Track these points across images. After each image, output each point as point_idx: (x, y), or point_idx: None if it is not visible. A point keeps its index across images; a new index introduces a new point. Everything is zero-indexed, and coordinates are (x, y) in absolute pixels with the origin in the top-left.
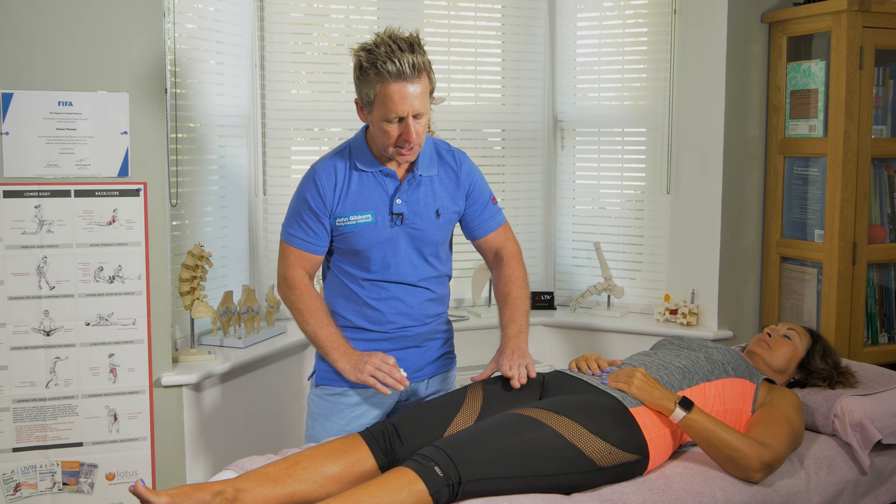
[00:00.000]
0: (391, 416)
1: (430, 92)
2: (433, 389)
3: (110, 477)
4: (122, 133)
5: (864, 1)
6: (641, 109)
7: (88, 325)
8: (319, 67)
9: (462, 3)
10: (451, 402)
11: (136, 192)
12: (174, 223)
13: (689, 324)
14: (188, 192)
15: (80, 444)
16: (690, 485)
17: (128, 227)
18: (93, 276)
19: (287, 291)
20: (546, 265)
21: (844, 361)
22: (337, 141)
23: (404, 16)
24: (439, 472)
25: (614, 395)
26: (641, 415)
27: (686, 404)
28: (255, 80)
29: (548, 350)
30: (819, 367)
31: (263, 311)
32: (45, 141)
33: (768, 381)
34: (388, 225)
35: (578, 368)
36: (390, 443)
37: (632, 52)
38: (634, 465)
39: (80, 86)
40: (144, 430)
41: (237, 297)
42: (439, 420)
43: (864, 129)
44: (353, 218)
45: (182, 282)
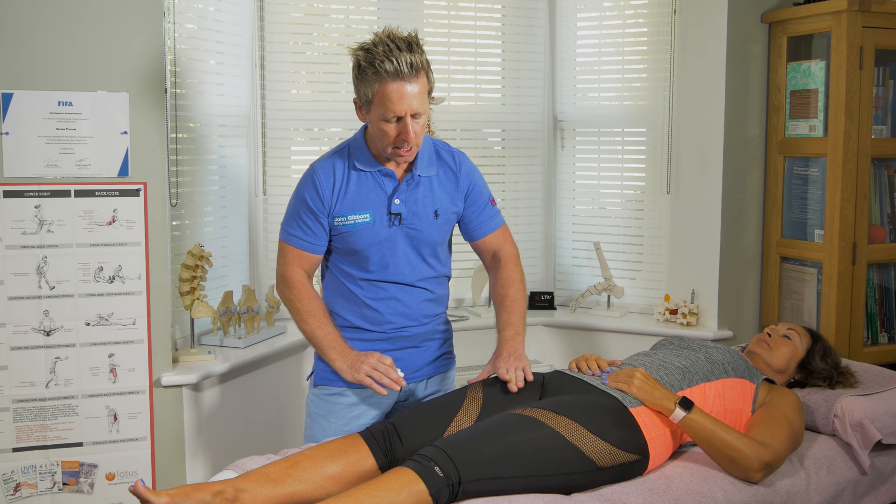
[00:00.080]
0: (390, 416)
1: (429, 92)
2: (432, 390)
3: (110, 477)
4: (122, 133)
5: (864, 1)
6: (641, 109)
7: (88, 325)
8: (319, 67)
9: (462, 3)
10: (451, 402)
11: (136, 192)
12: (174, 223)
13: (689, 324)
14: (188, 192)
15: (80, 444)
16: (690, 485)
17: (128, 227)
18: (93, 276)
19: (285, 290)
20: (546, 265)
21: (844, 361)
22: (337, 141)
23: (404, 16)
24: (439, 472)
25: (614, 395)
26: (641, 415)
27: (686, 404)
28: (255, 80)
29: (548, 350)
30: (819, 367)
31: (263, 311)
32: (45, 141)
33: (768, 381)
34: (387, 225)
35: (578, 368)
36: (390, 443)
37: (632, 52)
38: (634, 465)
39: (80, 86)
40: (144, 430)
41: (237, 297)
42: (439, 420)
43: (864, 129)
44: (351, 218)
45: (182, 282)
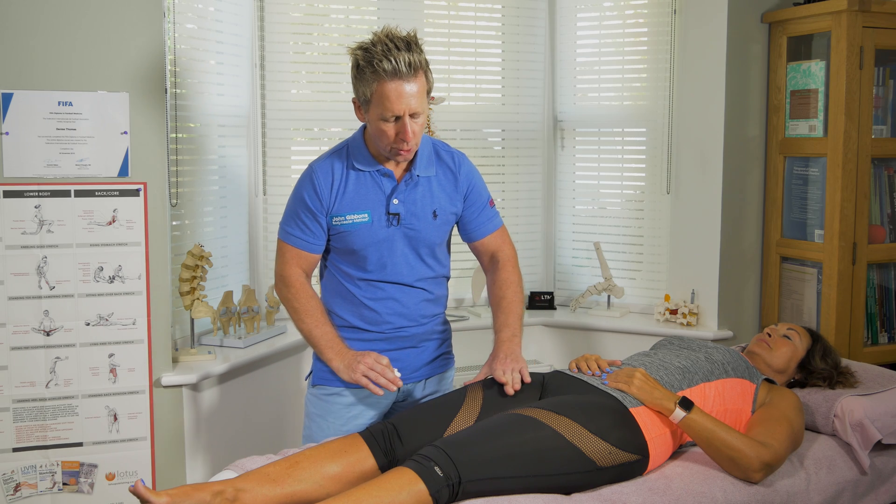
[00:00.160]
0: (388, 416)
1: (428, 91)
2: (430, 390)
3: (110, 477)
4: (122, 133)
5: (864, 1)
6: (641, 109)
7: (88, 325)
8: (319, 67)
9: (462, 3)
10: (451, 402)
11: (136, 192)
12: (174, 223)
13: (689, 324)
14: (188, 192)
15: (80, 444)
16: (690, 485)
17: (128, 227)
18: (93, 276)
19: (283, 290)
20: (546, 265)
21: (844, 361)
22: (337, 141)
23: (404, 16)
24: (439, 472)
25: (614, 395)
26: (641, 415)
27: (686, 404)
28: (255, 80)
29: (548, 350)
30: (819, 367)
31: (263, 311)
32: (45, 141)
33: (768, 381)
34: (385, 225)
35: (578, 368)
36: (390, 443)
37: (632, 52)
38: (634, 465)
39: (80, 86)
40: (144, 430)
41: (237, 297)
42: (439, 420)
43: (864, 129)
44: (349, 217)
45: (182, 282)
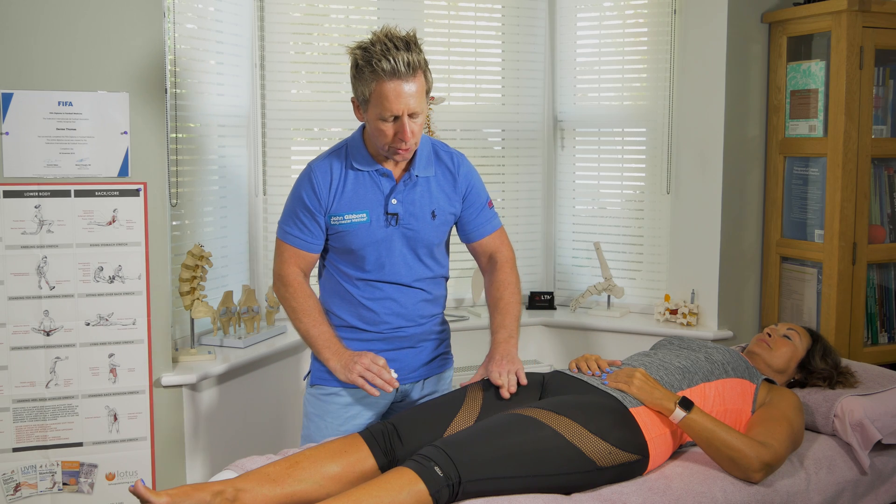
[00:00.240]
0: (386, 417)
1: (427, 91)
2: (429, 390)
3: (110, 477)
4: (122, 133)
5: (864, 1)
6: (641, 109)
7: (88, 325)
8: (319, 67)
9: (462, 3)
10: (451, 402)
11: (136, 192)
12: (174, 223)
13: (689, 324)
14: (188, 192)
15: (80, 444)
16: (690, 485)
17: (128, 227)
18: (93, 276)
19: (281, 289)
20: (546, 265)
21: (844, 361)
22: (337, 141)
23: (404, 16)
24: (439, 472)
25: (614, 395)
26: (641, 415)
27: (686, 404)
28: (255, 80)
29: (548, 350)
30: (819, 367)
31: (263, 311)
32: (45, 141)
33: (768, 381)
34: (383, 225)
35: (578, 368)
36: (390, 443)
37: (632, 52)
38: (634, 465)
39: (80, 86)
40: (144, 430)
41: (237, 297)
42: (439, 420)
43: (864, 129)
44: (347, 217)
45: (182, 282)
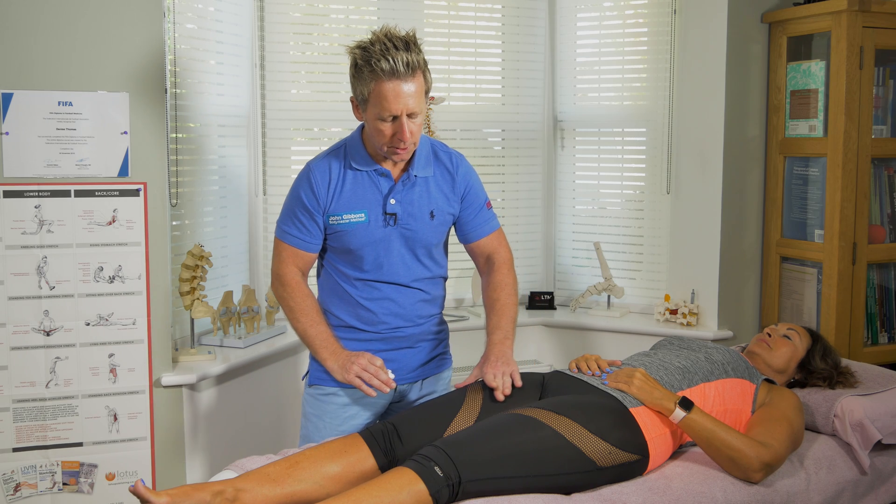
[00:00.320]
0: (384, 417)
1: (426, 91)
2: (427, 391)
3: (110, 477)
4: (122, 133)
5: (864, 1)
6: (641, 109)
7: (88, 325)
8: (319, 67)
9: (462, 3)
10: (451, 402)
11: (136, 192)
12: (174, 223)
13: (689, 324)
14: (188, 192)
15: (80, 444)
16: (690, 485)
17: (128, 227)
18: (93, 276)
19: (279, 288)
20: (546, 265)
21: (844, 361)
22: (337, 141)
23: (404, 16)
24: (439, 472)
25: (614, 395)
26: (641, 415)
27: (686, 404)
28: (255, 80)
29: (548, 350)
30: (819, 367)
31: (263, 311)
32: (45, 141)
33: (768, 381)
34: (382, 225)
35: (578, 368)
36: (390, 443)
37: (632, 52)
38: (634, 465)
39: (80, 86)
40: (144, 430)
41: (237, 297)
42: (439, 420)
43: (864, 129)
44: (346, 217)
45: (182, 282)
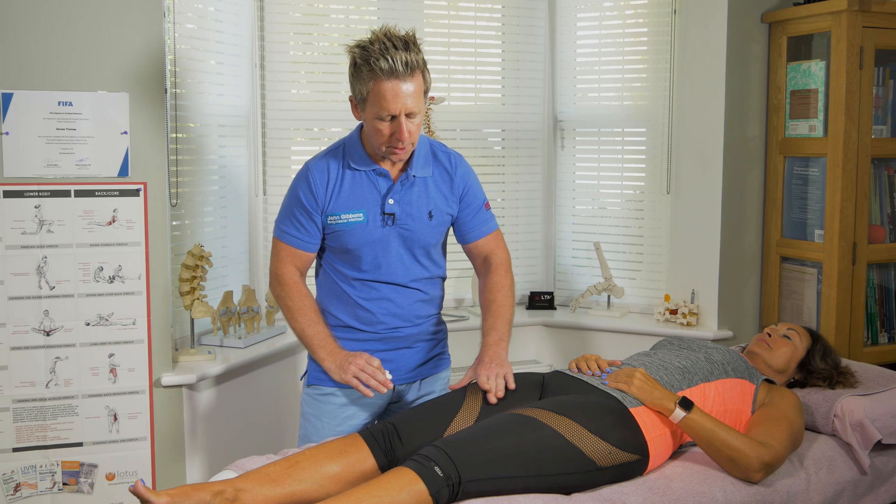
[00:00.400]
0: (383, 417)
1: (425, 91)
2: (425, 391)
3: (110, 477)
4: (122, 133)
5: (864, 1)
6: (641, 109)
7: (88, 325)
8: (319, 67)
9: (462, 3)
10: (451, 402)
11: (136, 192)
12: (174, 223)
13: (689, 324)
14: (188, 192)
15: (80, 444)
16: (690, 485)
17: (128, 227)
18: (93, 276)
19: (277, 288)
20: (546, 265)
21: (844, 361)
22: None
23: (404, 16)
24: (439, 472)
25: (614, 395)
26: (641, 415)
27: (686, 404)
28: (255, 80)
29: (547, 350)
30: (819, 367)
31: (263, 311)
32: (45, 141)
33: (768, 381)
34: (380, 225)
35: (578, 368)
36: (390, 443)
37: (632, 52)
38: (634, 465)
39: (80, 86)
40: (144, 430)
41: (237, 297)
42: (439, 420)
43: (864, 129)
44: (344, 217)
45: (182, 282)
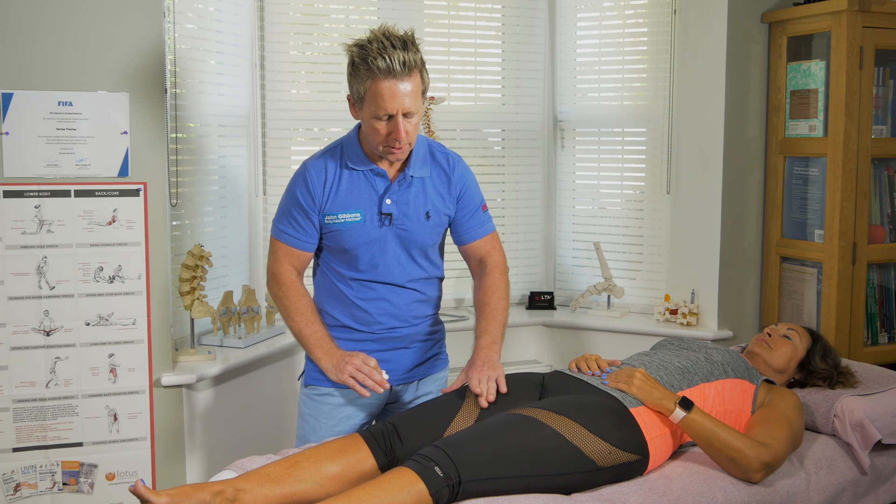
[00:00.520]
0: (380, 418)
1: (423, 91)
2: (423, 391)
3: (110, 477)
4: (122, 133)
5: (864, 1)
6: (641, 109)
7: (88, 325)
8: (319, 67)
9: (462, 3)
10: (451, 402)
11: (136, 192)
12: (174, 223)
13: (689, 324)
14: (188, 192)
15: (80, 444)
16: (690, 485)
17: (128, 227)
18: (93, 276)
19: (274, 287)
20: (546, 265)
21: (844, 361)
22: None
23: (404, 16)
24: (439, 472)
25: (614, 395)
26: (641, 415)
27: (686, 404)
28: (255, 80)
29: (548, 350)
30: (819, 367)
31: (263, 311)
32: (45, 141)
33: (768, 381)
34: (377, 225)
35: (578, 368)
36: (390, 443)
37: (632, 52)
38: (634, 465)
39: (80, 86)
40: (144, 430)
41: (237, 297)
42: (439, 420)
43: (864, 129)
44: (341, 216)
45: (182, 282)
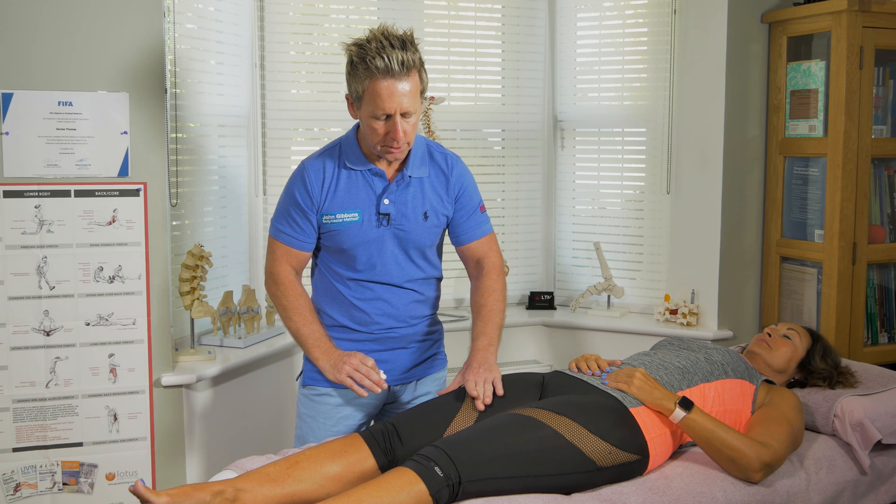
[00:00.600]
0: (379, 418)
1: (422, 91)
2: (422, 391)
3: (110, 477)
4: (122, 133)
5: (864, 1)
6: (641, 109)
7: (88, 325)
8: (319, 67)
9: (462, 3)
10: (451, 402)
11: (136, 192)
12: (174, 223)
13: (689, 324)
14: (188, 192)
15: (80, 444)
16: (690, 485)
17: (128, 227)
18: (93, 276)
19: (272, 287)
20: (546, 265)
21: (844, 361)
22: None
23: (404, 16)
24: (439, 472)
25: (614, 395)
26: (641, 415)
27: (686, 404)
28: (255, 80)
29: (548, 350)
30: (819, 367)
31: (263, 311)
32: (45, 141)
33: (768, 381)
34: (375, 225)
35: (578, 368)
36: (390, 443)
37: (632, 52)
38: (634, 465)
39: (80, 86)
40: (144, 430)
41: (237, 297)
42: (439, 420)
43: (864, 129)
44: (339, 216)
45: (182, 282)
